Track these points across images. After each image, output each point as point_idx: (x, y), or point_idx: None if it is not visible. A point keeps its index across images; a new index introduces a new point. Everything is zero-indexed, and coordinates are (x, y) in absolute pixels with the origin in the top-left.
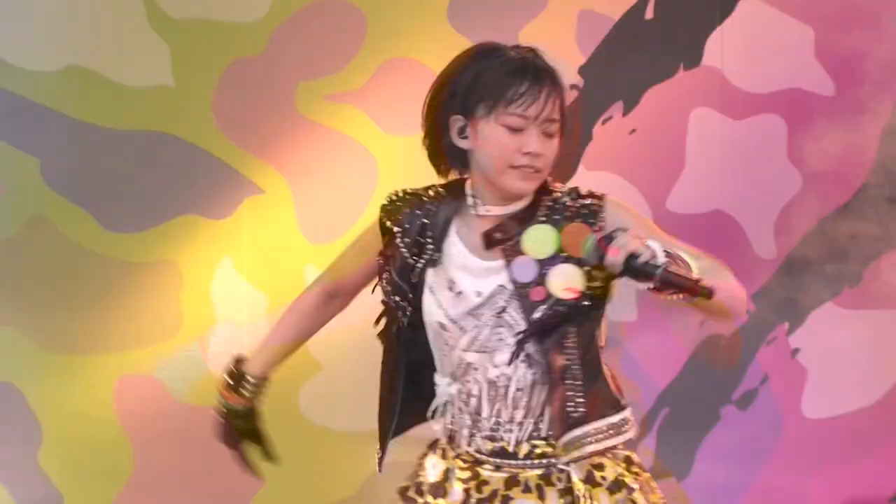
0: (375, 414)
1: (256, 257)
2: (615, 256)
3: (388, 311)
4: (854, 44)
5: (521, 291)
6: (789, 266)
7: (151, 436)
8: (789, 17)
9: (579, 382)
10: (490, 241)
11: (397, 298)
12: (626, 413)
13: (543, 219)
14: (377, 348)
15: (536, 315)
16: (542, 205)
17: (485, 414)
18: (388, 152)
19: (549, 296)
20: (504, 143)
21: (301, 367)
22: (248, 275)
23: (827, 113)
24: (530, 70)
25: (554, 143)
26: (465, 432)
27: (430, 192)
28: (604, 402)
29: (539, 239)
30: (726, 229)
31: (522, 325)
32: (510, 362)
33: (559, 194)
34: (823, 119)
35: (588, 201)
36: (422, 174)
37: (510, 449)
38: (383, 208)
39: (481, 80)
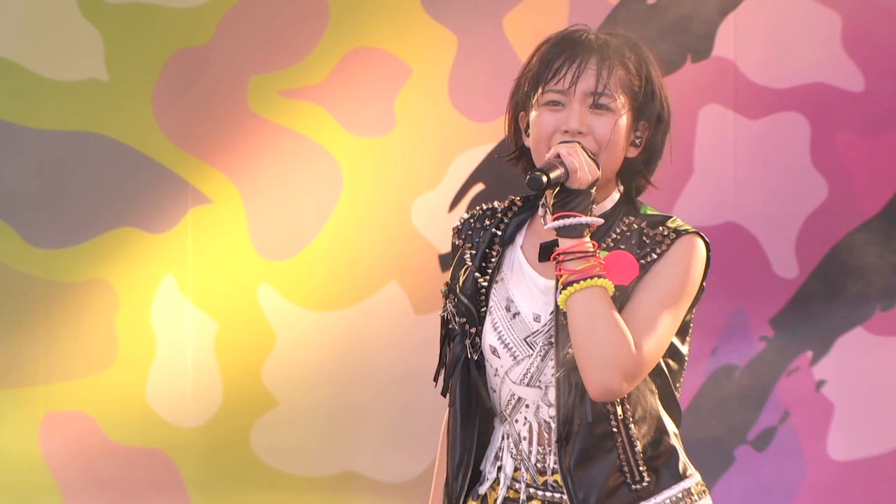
0: (339, 457)
1: (203, 276)
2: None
3: (449, 352)
4: (887, 33)
5: (562, 319)
6: (813, 286)
7: (82, 480)
8: (813, 1)
9: (635, 443)
10: (546, 253)
11: (464, 321)
12: (693, 481)
13: (612, 242)
14: (340, 384)
15: (565, 351)
16: (621, 224)
17: (533, 460)
18: (354, 156)
19: None
20: (545, 123)
21: (254, 399)
22: (194, 296)
23: (856, 111)
24: (571, 42)
25: (606, 121)
26: (510, 485)
27: (506, 203)
28: (668, 463)
29: None
30: (741, 245)
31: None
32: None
33: (637, 218)
34: (852, 118)
35: (663, 232)
36: (394, 180)
37: None
38: (454, 229)
39: (531, 67)
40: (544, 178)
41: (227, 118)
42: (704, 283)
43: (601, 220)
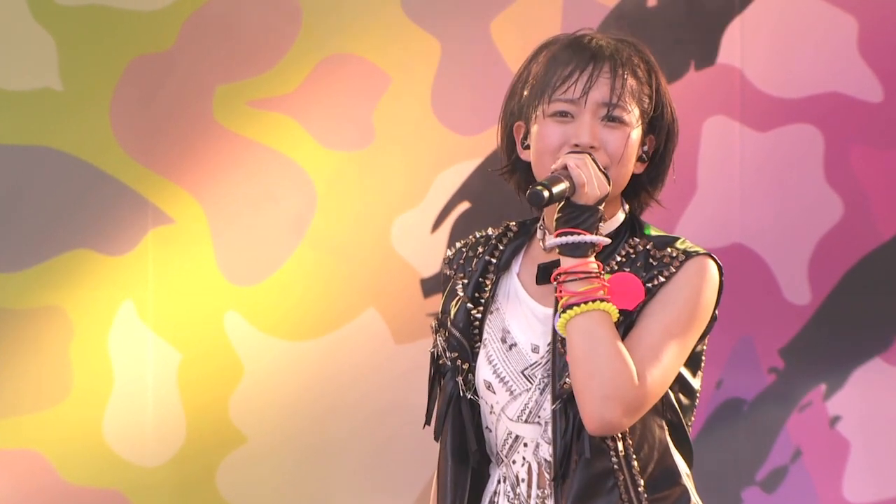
0: (313, 498)
1: (165, 302)
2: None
3: (440, 391)
4: None
5: (559, 347)
6: (827, 314)
7: None
8: (827, 3)
9: (638, 482)
10: (544, 275)
11: (455, 356)
12: None
13: (617, 264)
14: (314, 419)
15: (562, 381)
16: (626, 246)
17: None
18: (329, 171)
19: None
20: (551, 135)
21: (221, 436)
22: (155, 324)
23: (873, 122)
24: (581, 47)
25: (619, 135)
26: None
27: (501, 229)
28: None
29: None
30: (748, 268)
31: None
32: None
33: (643, 239)
34: (869, 130)
35: (672, 253)
36: (372, 198)
37: None
38: (445, 259)
39: (532, 73)
40: (546, 193)
41: (190, 131)
42: (717, 311)
43: (608, 240)
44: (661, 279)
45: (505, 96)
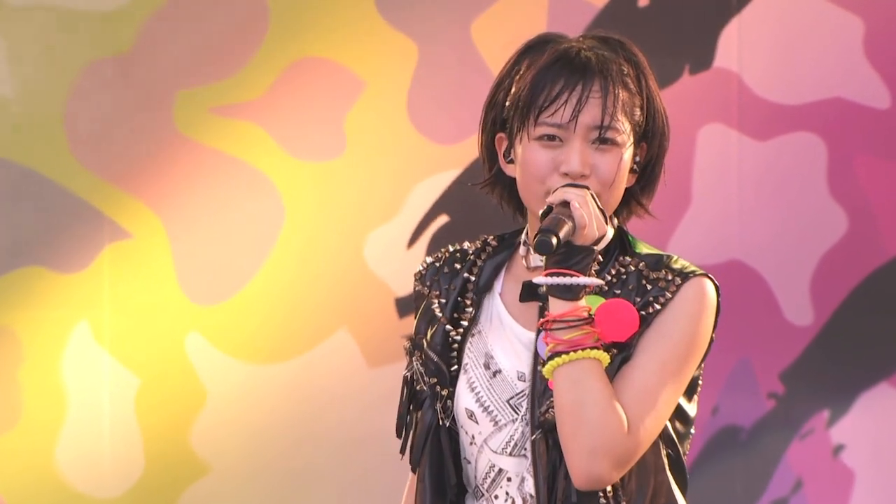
0: None
1: (122, 323)
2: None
3: (416, 419)
4: None
5: (541, 372)
6: (830, 335)
7: None
8: (830, 3)
9: None
10: (529, 293)
11: (434, 381)
12: None
13: (607, 285)
14: (282, 448)
15: (544, 409)
16: (616, 265)
17: None
18: (298, 183)
19: None
20: (538, 161)
21: (182, 466)
22: (112, 346)
23: (880, 131)
24: (569, 63)
25: (611, 158)
26: None
27: (478, 244)
28: None
29: None
30: (747, 286)
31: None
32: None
33: (635, 258)
34: (875, 139)
35: (666, 276)
36: (344, 211)
37: None
38: (417, 275)
39: (515, 84)
40: (554, 241)
41: (149, 139)
42: (714, 334)
43: (601, 282)
44: (657, 306)
45: (485, 102)
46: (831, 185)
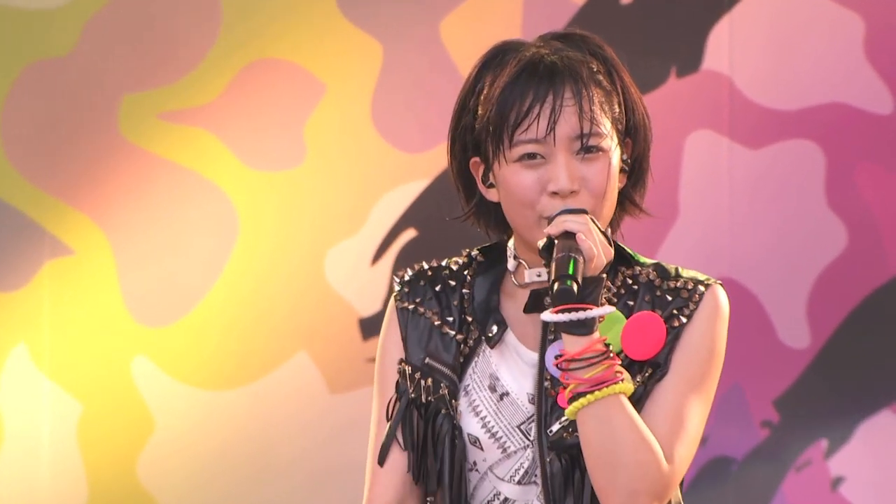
0: None
1: (63, 345)
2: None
3: (423, 431)
4: None
5: (549, 389)
6: (828, 359)
7: None
8: (828, 0)
9: None
10: (535, 304)
11: (445, 392)
12: None
13: (615, 297)
14: (236, 482)
15: (554, 428)
16: (620, 275)
17: None
18: (253, 194)
19: None
20: (522, 184)
21: (128, 500)
22: (52, 370)
23: (882, 138)
24: (535, 72)
25: (600, 166)
26: None
27: (459, 260)
28: None
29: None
30: (739, 306)
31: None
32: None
33: (641, 268)
34: (877, 147)
35: (684, 284)
36: (303, 225)
37: None
38: (397, 294)
39: (482, 107)
40: (575, 287)
41: (93, 147)
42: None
43: (612, 309)
44: (683, 319)
45: (451, 127)
46: (829, 196)
